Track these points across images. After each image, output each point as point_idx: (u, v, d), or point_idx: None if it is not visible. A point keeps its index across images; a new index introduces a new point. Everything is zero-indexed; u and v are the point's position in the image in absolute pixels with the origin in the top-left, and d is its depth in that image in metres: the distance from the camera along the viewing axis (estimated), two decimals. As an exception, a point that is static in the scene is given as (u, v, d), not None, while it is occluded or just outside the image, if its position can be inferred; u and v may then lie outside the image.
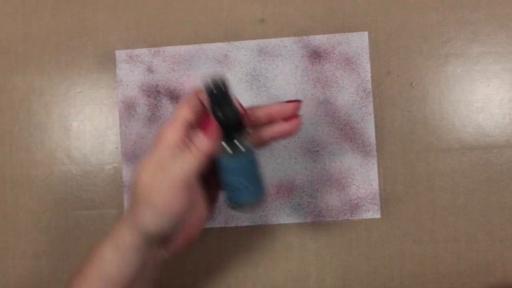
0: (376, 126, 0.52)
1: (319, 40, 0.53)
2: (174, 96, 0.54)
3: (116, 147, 0.54)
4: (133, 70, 0.54)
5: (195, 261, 0.53)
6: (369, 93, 0.52)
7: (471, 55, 0.52)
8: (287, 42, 0.53)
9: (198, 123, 0.38)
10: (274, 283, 0.53)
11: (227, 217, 0.53)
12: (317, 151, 0.53)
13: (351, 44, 0.53)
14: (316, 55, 0.53)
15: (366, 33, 0.53)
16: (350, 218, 0.52)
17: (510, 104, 0.52)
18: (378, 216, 0.52)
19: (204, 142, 0.37)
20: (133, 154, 0.53)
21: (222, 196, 0.42)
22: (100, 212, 0.54)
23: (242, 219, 0.53)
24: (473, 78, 0.52)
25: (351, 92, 0.53)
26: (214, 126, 0.37)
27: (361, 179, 0.52)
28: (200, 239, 0.53)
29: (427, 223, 0.52)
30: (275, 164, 0.53)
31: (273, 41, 0.53)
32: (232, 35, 0.54)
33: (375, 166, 0.52)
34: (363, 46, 0.53)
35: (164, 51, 0.54)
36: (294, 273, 0.53)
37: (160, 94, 0.54)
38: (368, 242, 0.52)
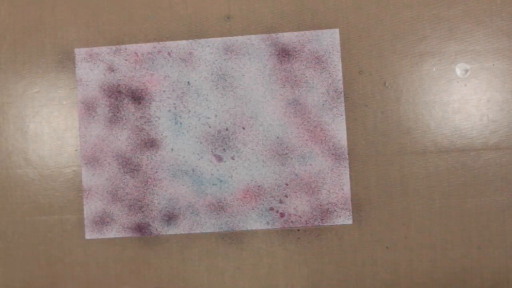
0: (347, 128, 0.51)
1: (288, 37, 0.51)
2: (136, 96, 0.51)
3: (76, 150, 0.52)
4: (93, 69, 0.52)
5: (158, 269, 0.52)
6: (341, 93, 0.51)
7: (447, 53, 0.51)
8: (255, 39, 0.51)
9: None
10: (241, 292, 0.51)
11: (192, 223, 0.51)
12: (286, 154, 0.51)
13: (322, 42, 0.51)
14: (285, 53, 0.51)
15: (337, 30, 0.51)
16: (321, 224, 0.51)
17: (487, 105, 0.51)
18: (349, 222, 0.51)
19: None
20: (93, 157, 0.51)
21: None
22: (59, 217, 0.52)
23: (207, 225, 0.51)
24: (449, 77, 0.51)
25: (322, 92, 0.51)
26: None
27: (332, 183, 0.50)
28: (163, 247, 0.51)
29: (401, 229, 0.51)
30: (242, 167, 0.51)
31: (240, 38, 0.51)
32: (197, 32, 0.52)
33: (347, 169, 0.50)
34: (334, 44, 0.51)
35: (125, 49, 0.52)
36: (261, 282, 0.52)
37: (121, 94, 0.52)
38: (339, 249, 0.51)
